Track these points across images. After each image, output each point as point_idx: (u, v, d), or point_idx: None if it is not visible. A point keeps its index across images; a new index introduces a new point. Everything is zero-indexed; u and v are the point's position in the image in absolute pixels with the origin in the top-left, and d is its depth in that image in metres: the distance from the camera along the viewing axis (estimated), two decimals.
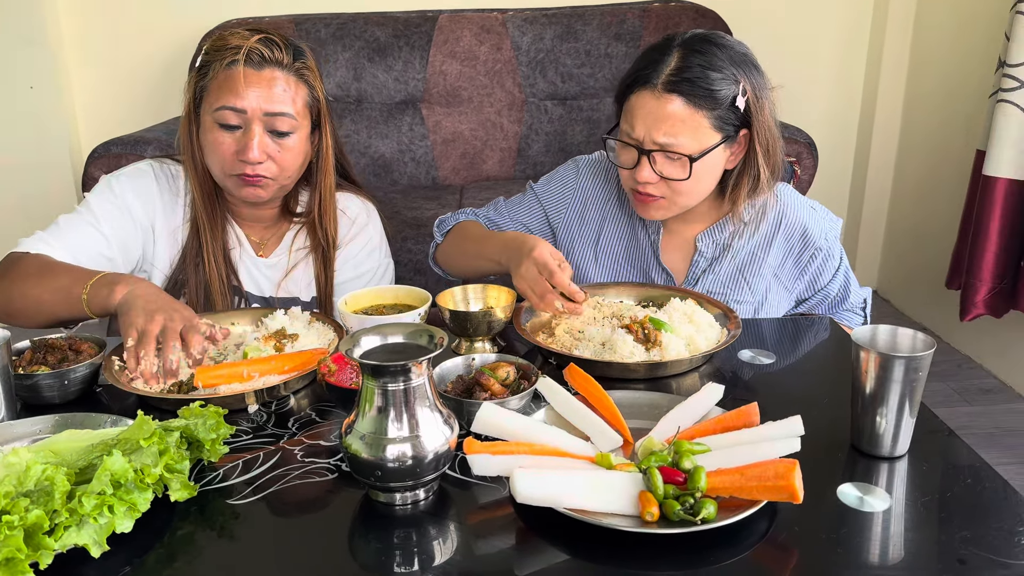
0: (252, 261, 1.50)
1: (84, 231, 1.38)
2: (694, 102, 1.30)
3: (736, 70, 1.32)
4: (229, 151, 1.35)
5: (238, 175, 1.36)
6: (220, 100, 1.33)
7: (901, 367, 0.92)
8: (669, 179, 1.34)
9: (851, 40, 3.32)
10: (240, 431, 1.03)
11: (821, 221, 1.48)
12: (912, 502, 0.88)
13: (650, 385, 1.15)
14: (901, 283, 3.37)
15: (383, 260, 1.59)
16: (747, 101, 1.32)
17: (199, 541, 0.83)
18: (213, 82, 1.34)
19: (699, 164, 1.32)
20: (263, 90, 1.33)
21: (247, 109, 1.32)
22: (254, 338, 1.19)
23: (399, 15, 2.98)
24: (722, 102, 1.31)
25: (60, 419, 1.00)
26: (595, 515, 0.82)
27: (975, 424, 2.49)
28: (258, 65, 1.33)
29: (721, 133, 1.33)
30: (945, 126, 3.01)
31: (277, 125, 1.35)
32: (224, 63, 1.33)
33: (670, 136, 1.31)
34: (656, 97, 1.31)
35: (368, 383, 0.85)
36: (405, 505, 0.87)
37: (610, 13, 2.97)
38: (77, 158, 3.07)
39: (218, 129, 1.34)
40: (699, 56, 1.31)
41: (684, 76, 1.29)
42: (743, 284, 1.46)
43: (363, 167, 2.98)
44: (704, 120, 1.31)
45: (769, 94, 1.37)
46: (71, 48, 3.09)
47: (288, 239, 1.51)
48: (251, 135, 1.33)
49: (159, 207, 1.45)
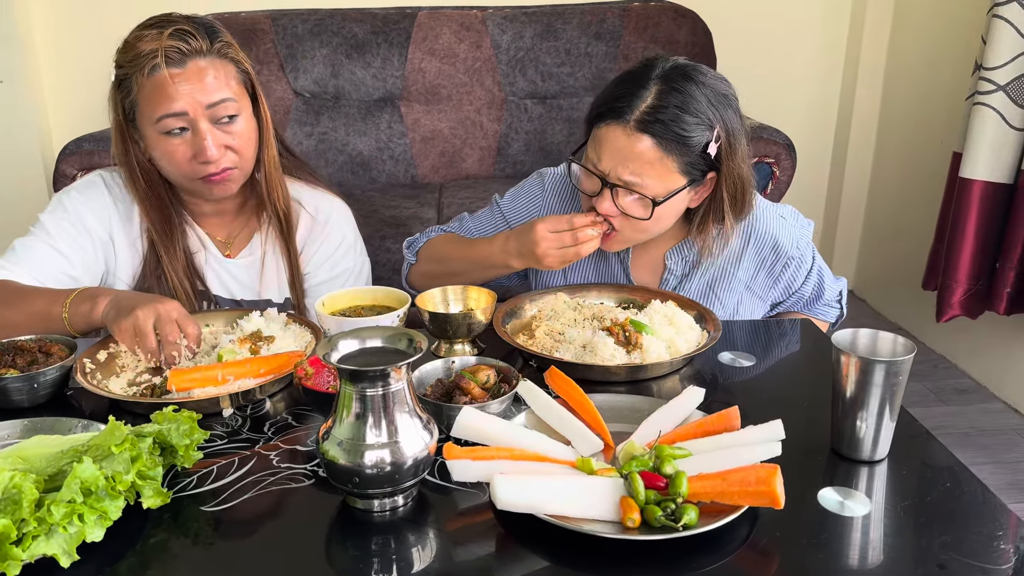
0: (219, 263, 1.46)
1: (43, 252, 1.34)
2: (664, 145, 1.26)
3: (712, 113, 1.28)
4: (185, 157, 1.30)
5: (202, 178, 1.32)
6: (157, 110, 1.27)
7: (882, 371, 0.92)
8: (629, 215, 1.31)
9: (829, 41, 3.34)
10: (215, 435, 1.01)
11: (791, 230, 1.47)
12: (892, 506, 0.88)
13: (631, 388, 1.14)
14: (878, 284, 3.40)
15: (359, 259, 1.55)
16: (719, 147, 1.29)
17: (173, 549, 0.82)
18: (141, 94, 1.28)
19: (661, 206, 1.29)
20: (194, 85, 1.27)
21: (187, 110, 1.27)
22: (229, 340, 1.17)
23: (377, 11, 2.96)
24: (694, 148, 1.27)
25: (29, 424, 0.98)
26: (576, 521, 0.81)
27: (951, 424, 2.52)
28: (179, 63, 1.27)
29: (687, 177, 1.30)
30: (922, 128, 3.04)
31: (221, 113, 1.30)
32: (145, 72, 1.27)
33: (636, 176, 1.27)
34: (627, 134, 1.27)
35: (346, 388, 0.83)
36: (383, 512, 0.86)
37: (590, 12, 2.97)
38: (48, 154, 3.01)
39: (165, 139, 1.29)
40: (676, 95, 1.26)
41: (658, 117, 1.25)
42: (714, 299, 1.46)
43: (340, 165, 2.96)
44: (672, 164, 1.27)
45: (743, 136, 1.34)
46: (43, 44, 3.04)
47: (259, 239, 1.47)
48: (201, 135, 1.28)
49: (115, 218, 1.41)
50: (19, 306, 1.23)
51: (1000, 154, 2.36)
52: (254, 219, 1.48)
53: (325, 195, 1.53)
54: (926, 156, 2.99)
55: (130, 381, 1.14)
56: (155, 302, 1.14)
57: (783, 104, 3.30)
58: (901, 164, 3.20)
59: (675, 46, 2.96)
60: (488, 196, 2.68)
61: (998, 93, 2.32)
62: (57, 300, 1.21)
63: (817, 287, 1.52)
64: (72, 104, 3.08)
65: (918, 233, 2.98)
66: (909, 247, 3.08)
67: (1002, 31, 2.29)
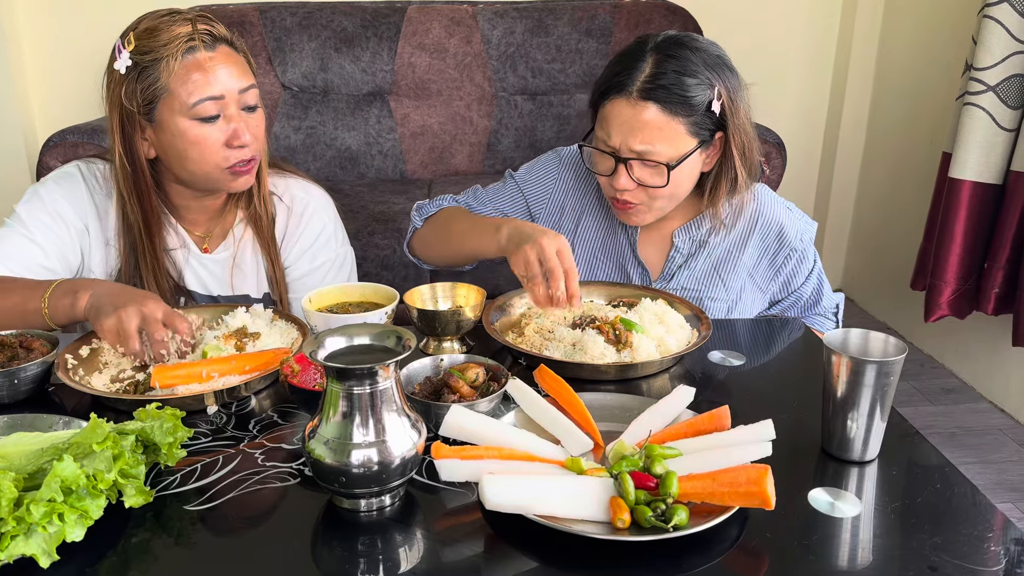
0: (197, 259, 1.43)
1: (18, 243, 1.31)
2: (670, 109, 1.28)
3: (711, 74, 1.30)
4: (217, 144, 1.27)
5: (230, 167, 1.29)
6: (194, 94, 1.24)
7: (872, 371, 0.91)
8: (647, 186, 1.32)
9: (819, 41, 3.35)
10: (199, 433, 1.00)
11: (797, 222, 1.48)
12: (882, 507, 0.88)
13: (620, 386, 1.14)
14: (866, 283, 3.41)
15: (340, 249, 1.51)
16: (722, 105, 1.31)
17: (155, 549, 0.80)
18: (173, 78, 1.24)
19: (676, 170, 1.31)
20: (229, 69, 1.26)
21: (224, 94, 1.25)
22: (214, 337, 1.15)
23: (367, 5, 2.94)
24: (698, 108, 1.29)
25: (9, 420, 0.96)
26: (565, 522, 0.80)
27: (938, 424, 2.53)
28: (211, 46, 1.26)
29: (697, 138, 1.31)
30: (911, 128, 3.05)
31: (248, 100, 1.29)
32: (180, 55, 1.23)
33: (647, 144, 1.29)
34: (631, 105, 1.29)
35: (333, 386, 0.82)
36: (370, 512, 0.85)
37: (581, 8, 2.96)
38: (32, 146, 2.98)
39: (198, 126, 1.26)
40: (673, 61, 1.28)
41: (659, 83, 1.27)
42: (718, 281, 1.46)
43: (329, 159, 2.94)
44: (680, 127, 1.29)
45: (744, 95, 1.36)
46: (26, 35, 3.00)
47: (237, 233, 1.44)
48: (236, 119, 1.27)
49: (91, 211, 1.37)
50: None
51: (990, 155, 2.37)
52: (232, 213, 1.45)
53: (299, 182, 1.49)
54: (915, 156, 3.00)
55: (113, 377, 1.12)
56: (138, 302, 1.11)
57: (773, 103, 3.30)
58: (890, 164, 3.20)
59: None
60: None
61: (988, 94, 2.33)
62: (35, 294, 1.18)
63: (816, 291, 1.52)
64: (55, 96, 3.04)
65: (907, 233, 2.99)
66: (898, 247, 3.09)
67: (993, 32, 2.30)
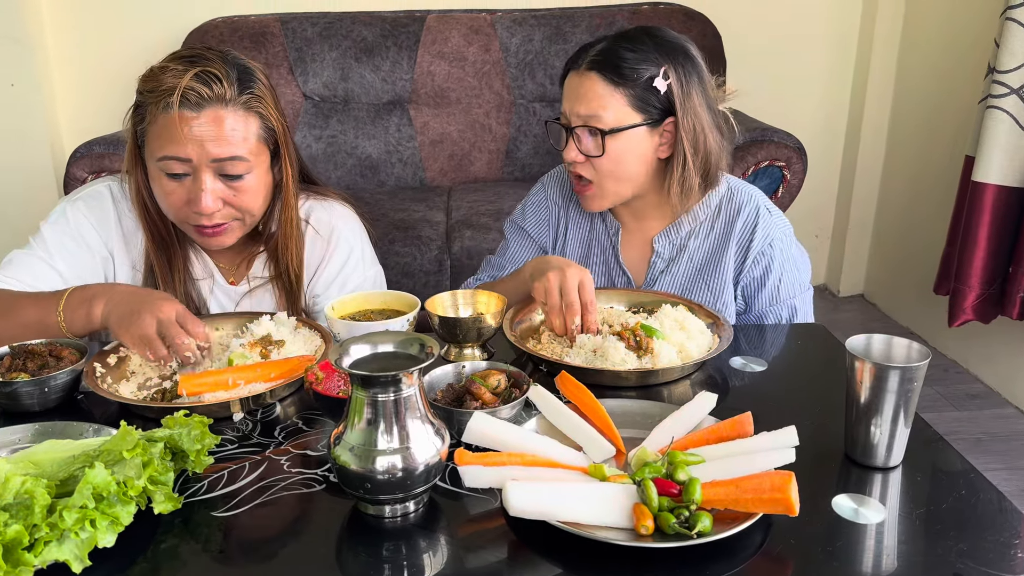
0: (223, 291, 1.41)
1: (38, 269, 1.31)
2: (611, 79, 1.35)
3: (660, 55, 1.35)
4: (180, 201, 1.25)
5: (194, 225, 1.27)
6: (161, 149, 1.21)
7: (896, 377, 0.91)
8: (588, 155, 1.37)
9: (839, 45, 3.33)
10: (225, 440, 1.01)
11: (772, 222, 1.45)
12: (907, 514, 0.87)
13: (641, 393, 1.14)
14: (888, 288, 3.38)
15: (369, 271, 1.47)
16: (669, 87, 1.35)
17: (183, 555, 0.81)
18: (152, 127, 1.22)
19: (616, 142, 1.36)
20: (207, 133, 1.20)
21: (191, 157, 1.21)
22: (239, 345, 1.17)
23: (387, 15, 2.96)
24: (638, 80, 1.34)
25: (40, 428, 0.98)
26: (589, 528, 0.80)
27: (962, 430, 2.50)
28: (196, 107, 1.20)
29: (642, 114, 1.36)
30: (933, 131, 3.03)
31: (228, 169, 1.23)
32: (159, 106, 1.20)
33: (589, 111, 1.35)
34: (579, 76, 1.38)
35: (357, 393, 0.83)
36: (395, 518, 0.86)
37: (599, 15, 2.97)
38: (59, 157, 3.02)
39: (165, 178, 1.23)
40: (624, 40, 1.37)
41: (605, 56, 1.36)
42: (702, 285, 1.46)
43: (350, 168, 2.96)
44: (622, 97, 1.35)
45: (705, 88, 1.39)
46: (53, 46, 3.05)
47: (258, 265, 1.41)
48: (200, 184, 1.22)
49: (116, 234, 1.36)
50: (10, 317, 1.20)
51: (1013, 158, 2.35)
52: (257, 247, 1.41)
53: (323, 204, 1.45)
54: (937, 159, 2.98)
55: (140, 385, 1.14)
56: (152, 307, 1.12)
57: (793, 107, 3.29)
58: (912, 167, 3.18)
59: None
60: (496, 199, 2.69)
61: (1011, 96, 2.31)
62: (50, 308, 1.18)
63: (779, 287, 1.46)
64: (82, 107, 3.09)
65: (929, 237, 2.96)
66: (920, 251, 3.06)
67: (1015, 34, 2.28)
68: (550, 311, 1.24)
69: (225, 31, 2.88)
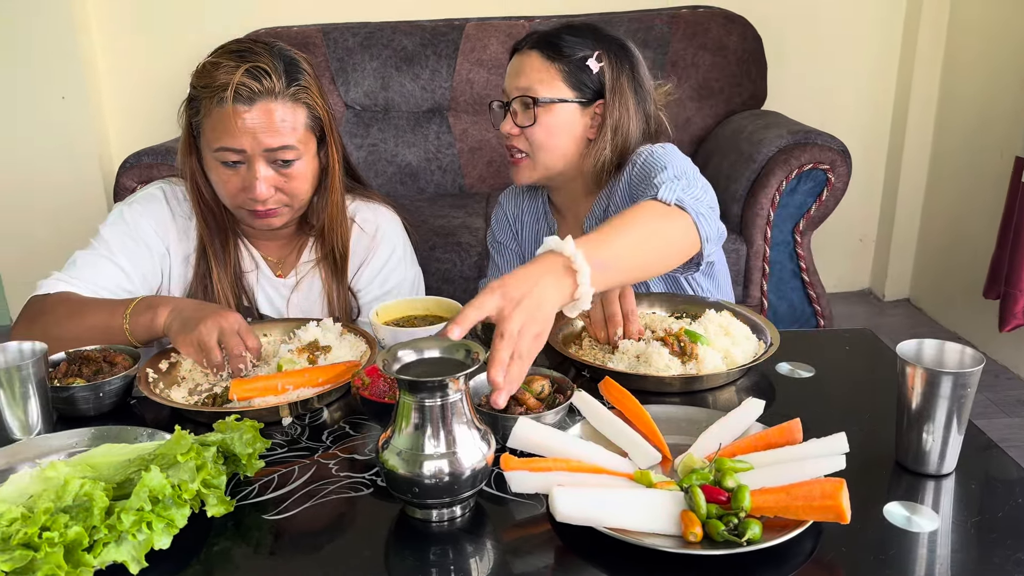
0: (270, 283, 1.47)
1: (102, 266, 1.36)
2: (547, 55, 1.45)
3: (597, 41, 1.46)
4: (235, 188, 1.32)
5: (249, 210, 1.35)
6: (217, 141, 1.29)
7: (949, 383, 0.89)
8: (522, 127, 1.45)
9: (882, 44, 3.28)
10: (275, 444, 1.03)
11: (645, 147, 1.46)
12: (961, 522, 0.85)
13: (685, 399, 1.13)
14: (935, 292, 3.31)
15: (409, 272, 1.54)
16: (601, 68, 1.44)
17: (235, 557, 0.83)
18: (207, 120, 1.30)
19: (548, 115, 1.44)
20: (259, 126, 1.28)
21: (246, 148, 1.28)
22: (288, 351, 1.18)
23: (426, 24, 2.99)
24: (572, 58, 1.44)
25: (96, 432, 1.00)
26: (636, 535, 0.80)
27: (1014, 437, 2.44)
28: (248, 100, 1.27)
29: (575, 91, 1.45)
30: (981, 132, 2.96)
31: (279, 157, 1.31)
32: (213, 101, 1.28)
33: (527, 83, 1.45)
34: (521, 55, 1.49)
35: (405, 398, 0.84)
36: (441, 522, 0.86)
37: (638, 20, 2.96)
38: (108, 168, 3.10)
39: (221, 167, 1.32)
40: (567, 27, 1.48)
41: (546, 37, 1.47)
42: None
43: (390, 175, 2.99)
44: (557, 73, 1.45)
45: (640, 82, 1.48)
46: (102, 58, 3.13)
47: (306, 253, 1.49)
48: (254, 173, 1.30)
49: (172, 232, 1.43)
50: (80, 319, 1.25)
51: None
52: (306, 238, 1.49)
53: (368, 205, 1.52)
54: (986, 160, 2.91)
55: (191, 390, 1.16)
56: (216, 316, 1.16)
57: (835, 109, 3.25)
58: (959, 168, 3.12)
59: (724, 52, 2.94)
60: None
61: None
62: (117, 312, 1.23)
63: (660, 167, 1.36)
64: (131, 119, 3.17)
65: (978, 240, 2.90)
66: (968, 254, 3.00)
67: None
68: (593, 323, 1.25)
69: None
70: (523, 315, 0.91)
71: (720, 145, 2.79)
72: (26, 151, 3.08)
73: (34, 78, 3.01)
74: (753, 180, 2.48)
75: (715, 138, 2.88)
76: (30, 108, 3.04)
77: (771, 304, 2.59)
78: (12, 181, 3.11)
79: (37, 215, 3.13)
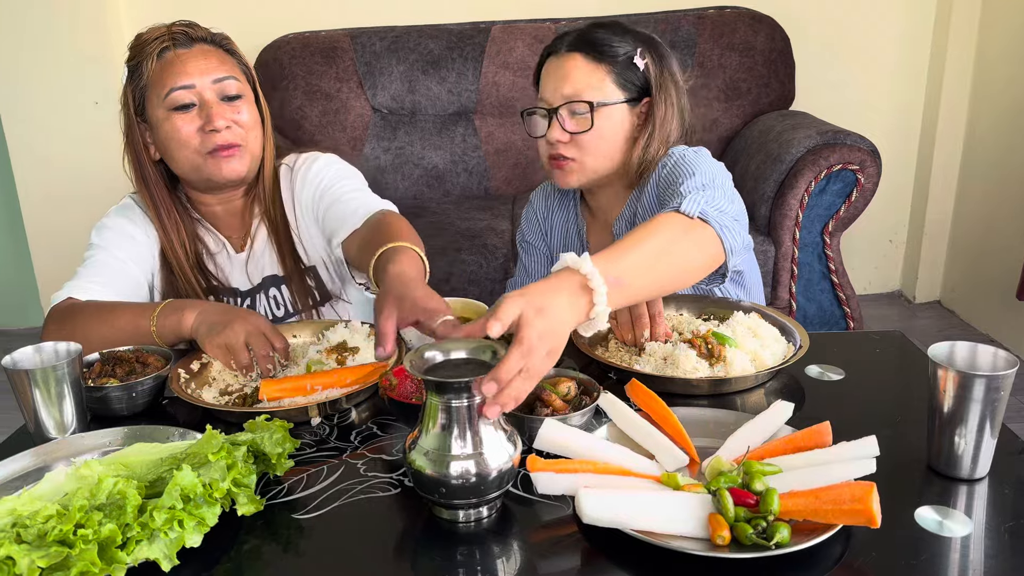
0: (232, 260, 1.50)
1: (110, 264, 1.40)
2: (595, 57, 1.42)
3: (638, 41, 1.43)
4: (192, 130, 1.35)
5: (210, 152, 1.36)
6: (166, 85, 1.34)
7: (982, 386, 0.88)
8: (575, 133, 1.42)
9: (912, 43, 3.24)
10: (304, 444, 1.04)
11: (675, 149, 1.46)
12: (994, 527, 0.84)
13: (713, 402, 1.12)
14: (967, 294, 3.26)
15: (344, 167, 1.52)
16: (647, 65, 1.43)
17: (265, 556, 0.84)
18: (152, 75, 1.36)
19: (602, 117, 1.41)
20: (202, 62, 1.36)
21: (194, 83, 1.35)
22: (316, 351, 1.20)
23: (452, 27, 3.00)
24: (620, 58, 1.42)
25: (129, 431, 1.02)
26: (663, 537, 0.80)
27: None
28: (187, 44, 1.37)
29: (624, 91, 1.43)
30: (1013, 132, 2.92)
31: (227, 90, 1.37)
32: (155, 56, 1.36)
33: (575, 89, 1.41)
34: (561, 58, 1.44)
35: (432, 399, 0.84)
36: (468, 522, 0.87)
37: (664, 21, 2.95)
38: None
39: (175, 116, 1.35)
40: (599, 26, 1.45)
41: (584, 38, 1.43)
42: None
43: (416, 178, 3.00)
44: (606, 75, 1.42)
45: (678, 83, 1.47)
46: None
47: (255, 228, 1.50)
48: (208, 104, 1.35)
49: (151, 232, 1.46)
50: (108, 321, 1.27)
51: None
52: (251, 211, 1.51)
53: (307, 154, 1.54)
54: (1019, 160, 2.87)
55: (221, 391, 1.18)
56: (243, 319, 1.17)
57: (865, 109, 3.22)
58: (991, 168, 3.07)
59: (752, 52, 2.92)
60: None
61: None
62: (144, 314, 1.25)
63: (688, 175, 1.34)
64: None
65: (1011, 240, 2.86)
66: (1001, 255, 2.95)
67: None
68: (620, 326, 1.25)
69: (297, 47, 2.95)
70: (543, 324, 0.87)
71: (748, 146, 2.77)
72: (60, 156, 3.13)
73: (68, 84, 3.06)
74: (781, 181, 2.46)
75: (743, 139, 2.86)
76: (64, 113, 3.09)
77: (800, 306, 2.57)
78: (46, 185, 3.17)
79: (71, 219, 3.17)
